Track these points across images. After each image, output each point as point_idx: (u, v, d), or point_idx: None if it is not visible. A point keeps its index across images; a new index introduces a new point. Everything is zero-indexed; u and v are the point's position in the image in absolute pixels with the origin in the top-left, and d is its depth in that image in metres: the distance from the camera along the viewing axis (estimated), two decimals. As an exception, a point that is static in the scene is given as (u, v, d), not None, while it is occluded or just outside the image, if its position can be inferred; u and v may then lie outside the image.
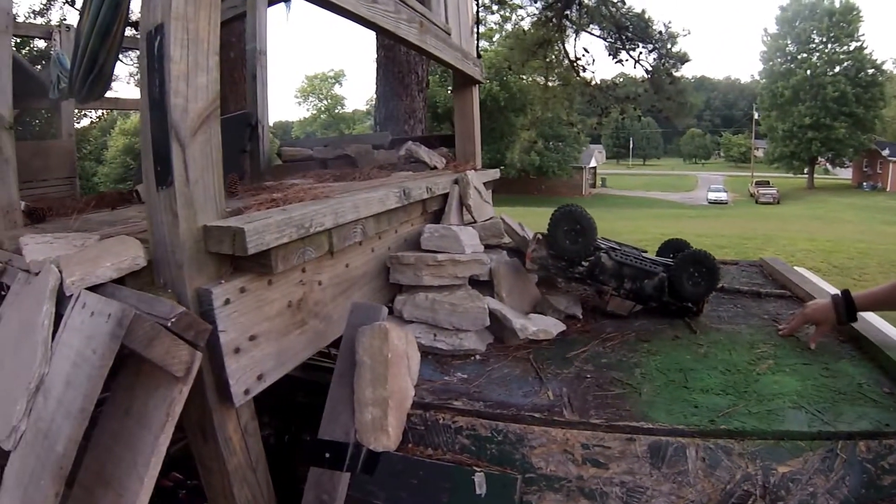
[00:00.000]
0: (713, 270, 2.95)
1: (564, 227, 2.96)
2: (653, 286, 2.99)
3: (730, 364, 2.47)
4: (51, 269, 1.77)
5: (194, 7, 1.74)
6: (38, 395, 1.66)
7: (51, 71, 5.29)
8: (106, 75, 3.48)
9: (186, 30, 1.72)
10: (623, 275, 3.02)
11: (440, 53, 3.78)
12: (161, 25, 1.69)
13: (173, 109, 1.70)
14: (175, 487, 2.93)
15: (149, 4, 1.73)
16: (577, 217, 2.98)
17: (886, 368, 2.35)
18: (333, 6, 2.48)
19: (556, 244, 2.96)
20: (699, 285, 2.95)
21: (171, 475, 2.97)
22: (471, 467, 1.97)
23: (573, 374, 2.39)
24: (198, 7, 1.75)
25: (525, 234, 3.50)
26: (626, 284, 3.01)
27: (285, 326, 2.11)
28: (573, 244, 2.96)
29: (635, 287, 3.01)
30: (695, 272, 2.96)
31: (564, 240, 2.95)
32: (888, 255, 15.62)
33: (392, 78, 8.34)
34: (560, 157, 47.73)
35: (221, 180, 1.90)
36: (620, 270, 3.02)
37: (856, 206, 39.12)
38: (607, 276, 3.00)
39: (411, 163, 4.32)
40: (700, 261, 2.97)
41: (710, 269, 2.95)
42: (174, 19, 1.68)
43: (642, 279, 3.01)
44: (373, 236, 2.73)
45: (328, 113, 79.32)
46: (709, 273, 2.95)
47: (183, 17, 1.71)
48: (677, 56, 19.22)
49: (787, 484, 1.86)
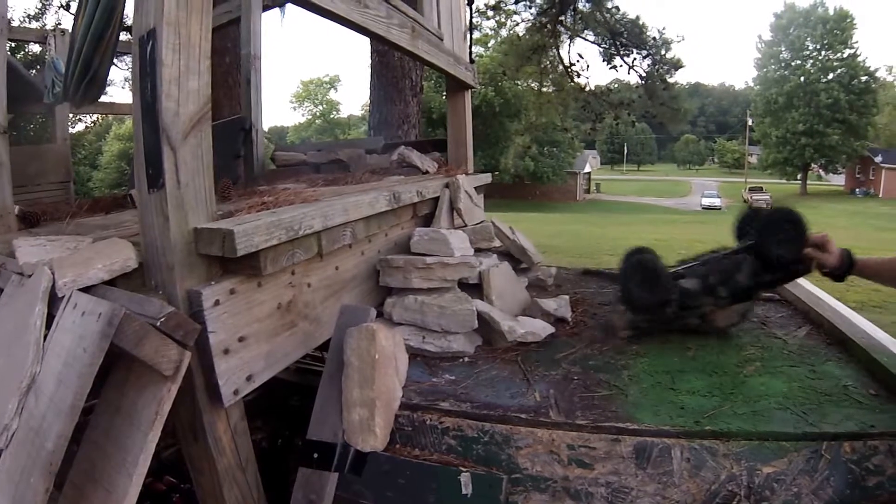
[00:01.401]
0: (796, 222, 2.65)
1: (637, 278, 2.81)
2: (746, 274, 2.76)
3: (717, 366, 2.50)
4: (43, 271, 1.78)
5: (186, 12, 1.76)
6: (30, 394, 1.68)
7: (45, 75, 5.25)
8: (100, 80, 3.48)
9: (178, 34, 1.74)
10: (712, 285, 2.79)
11: (432, 58, 3.80)
12: (153, 30, 1.71)
13: (165, 113, 1.72)
14: (169, 491, 2.93)
15: (141, 9, 1.76)
16: (646, 265, 2.85)
17: (873, 371, 2.38)
18: (326, 11, 2.50)
19: (631, 300, 2.85)
20: (790, 241, 2.65)
21: (165, 479, 2.97)
22: (457, 468, 1.99)
23: (560, 376, 2.42)
24: (189, 12, 1.78)
25: (515, 239, 3.52)
26: (722, 292, 2.78)
27: (275, 328, 2.13)
28: (651, 293, 2.78)
29: (730, 287, 2.77)
30: (778, 232, 2.68)
31: (641, 293, 2.79)
32: (880, 261, 15.61)
33: (386, 83, 8.35)
34: (555, 163, 47.71)
35: (212, 183, 1.92)
36: (707, 283, 2.80)
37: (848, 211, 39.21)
38: (699, 299, 2.80)
39: (403, 167, 4.34)
40: (777, 219, 2.73)
41: (792, 221, 2.66)
42: (166, 24, 1.70)
43: (732, 275, 2.77)
44: (362, 239, 2.75)
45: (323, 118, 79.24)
46: (793, 224, 2.66)
47: (175, 22, 1.73)
48: (671, 62, 19.22)
49: (771, 484, 1.88)
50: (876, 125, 53.28)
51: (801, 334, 2.86)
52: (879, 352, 2.45)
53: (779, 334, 2.88)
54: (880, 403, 2.13)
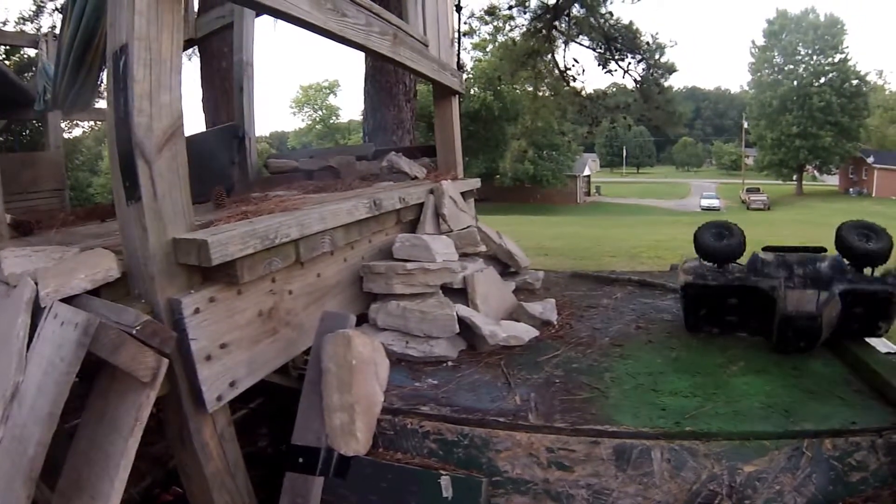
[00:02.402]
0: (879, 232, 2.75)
1: (712, 229, 2.93)
2: (828, 265, 2.76)
3: (700, 367, 2.52)
4: (27, 282, 1.81)
5: (157, 27, 1.79)
6: (14, 403, 1.70)
7: (37, 81, 5.22)
8: (90, 86, 3.47)
9: (150, 50, 1.77)
10: (790, 263, 2.81)
11: (415, 65, 3.81)
12: (125, 45, 1.74)
13: (138, 127, 1.75)
14: (175, 501, 2.93)
15: (114, 25, 1.79)
16: (721, 224, 2.96)
17: (856, 367, 2.40)
18: (302, 22, 2.51)
19: (701, 246, 2.92)
20: (873, 238, 2.73)
21: (173, 489, 2.97)
22: (438, 471, 2.00)
23: (542, 379, 2.44)
24: (160, 28, 1.80)
25: (502, 243, 3.54)
26: (797, 270, 2.79)
27: (257, 335, 2.15)
28: (719, 242, 2.88)
29: (808, 272, 2.78)
30: (862, 229, 2.77)
31: (710, 239, 2.90)
32: (876, 261, 15.62)
33: (380, 88, 8.35)
34: (554, 166, 47.61)
35: (189, 194, 1.94)
36: (785, 259, 2.82)
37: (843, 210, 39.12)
38: (773, 268, 2.81)
39: (393, 173, 4.35)
40: (861, 226, 2.80)
41: (875, 231, 2.76)
42: (137, 39, 1.73)
43: (813, 262, 2.79)
44: (344, 246, 2.76)
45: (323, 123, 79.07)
46: (875, 233, 2.75)
47: (146, 38, 1.76)
48: (665, 66, 19.28)
49: (753, 483, 1.90)
50: (867, 127, 53.44)
51: (786, 334, 2.87)
52: (863, 348, 2.47)
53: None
54: (862, 400, 2.16)
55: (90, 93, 3.59)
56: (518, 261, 3.60)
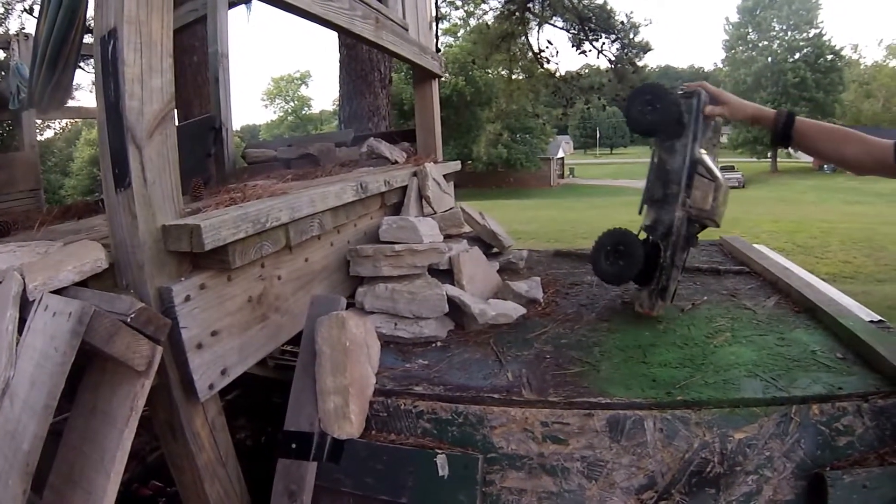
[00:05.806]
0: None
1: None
2: None
3: (688, 338, 2.55)
4: (14, 276, 1.78)
5: (147, 10, 1.77)
6: (5, 399, 1.68)
7: (10, 81, 5.16)
8: (65, 84, 3.44)
9: (140, 33, 1.75)
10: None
11: (397, 49, 3.81)
12: (114, 30, 1.71)
13: (129, 112, 1.72)
14: (154, 496, 2.93)
15: (102, 9, 1.75)
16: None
17: (840, 336, 2.44)
18: (288, 5, 2.51)
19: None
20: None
21: (151, 483, 2.97)
22: (433, 450, 2.01)
23: (533, 356, 2.45)
24: (150, 10, 1.78)
25: (486, 224, 3.55)
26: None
27: (247, 321, 2.14)
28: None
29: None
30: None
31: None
32: (850, 234, 15.87)
33: (355, 76, 8.34)
34: (527, 149, 47.75)
35: (179, 180, 1.92)
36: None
37: (818, 187, 39.64)
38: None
39: (373, 158, 4.34)
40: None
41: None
42: (127, 23, 1.71)
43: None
44: (331, 230, 2.76)
45: (295, 115, 78.70)
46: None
47: (136, 21, 1.73)
48: (640, 46, 19.38)
49: (743, 449, 1.92)
50: (842, 102, 53.98)
51: (770, 304, 2.91)
52: (845, 317, 2.51)
53: (748, 305, 2.93)
54: (847, 366, 2.18)
55: (65, 91, 3.56)
56: (501, 241, 3.61)
